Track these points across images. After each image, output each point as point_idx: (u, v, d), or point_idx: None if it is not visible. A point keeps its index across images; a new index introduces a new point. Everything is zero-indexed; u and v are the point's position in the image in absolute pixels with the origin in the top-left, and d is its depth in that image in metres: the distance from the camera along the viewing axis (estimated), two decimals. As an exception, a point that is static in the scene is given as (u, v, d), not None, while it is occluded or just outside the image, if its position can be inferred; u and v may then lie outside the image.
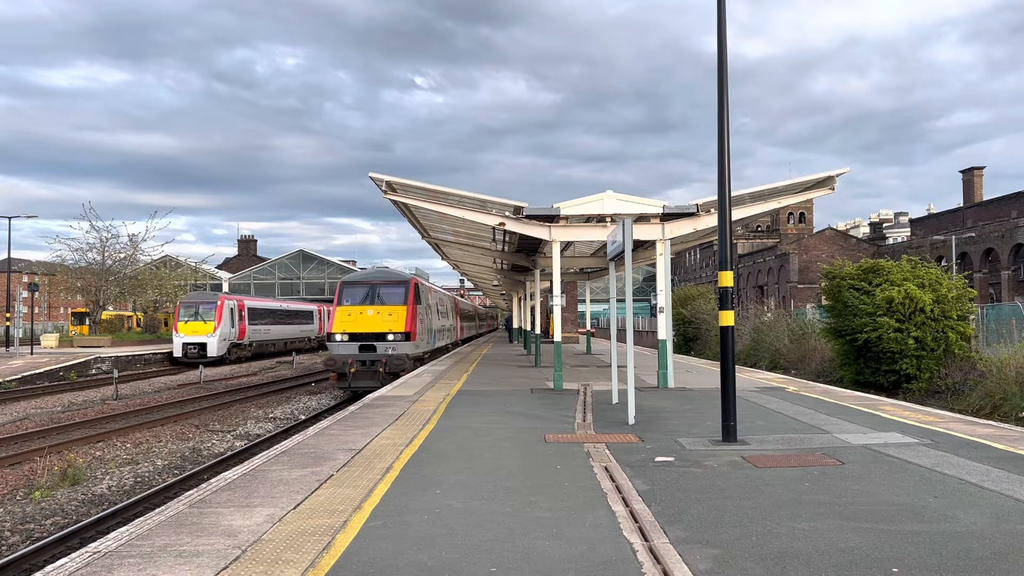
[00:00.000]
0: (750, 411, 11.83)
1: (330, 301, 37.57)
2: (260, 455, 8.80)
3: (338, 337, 22.03)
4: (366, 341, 21.87)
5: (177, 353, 39.04)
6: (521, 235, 17.80)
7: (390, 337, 21.85)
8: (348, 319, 22.19)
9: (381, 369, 21.37)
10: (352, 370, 21.44)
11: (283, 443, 9.62)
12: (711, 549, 5.15)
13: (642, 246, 19.63)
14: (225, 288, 79.36)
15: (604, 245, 19.54)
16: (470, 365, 23.83)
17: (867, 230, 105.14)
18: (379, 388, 16.82)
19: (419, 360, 23.91)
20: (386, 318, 22.13)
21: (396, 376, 20.37)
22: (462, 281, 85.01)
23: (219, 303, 39.88)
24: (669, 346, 16.37)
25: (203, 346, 38.75)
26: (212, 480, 7.47)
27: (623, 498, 6.52)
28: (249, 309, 43.81)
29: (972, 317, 19.85)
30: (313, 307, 58.90)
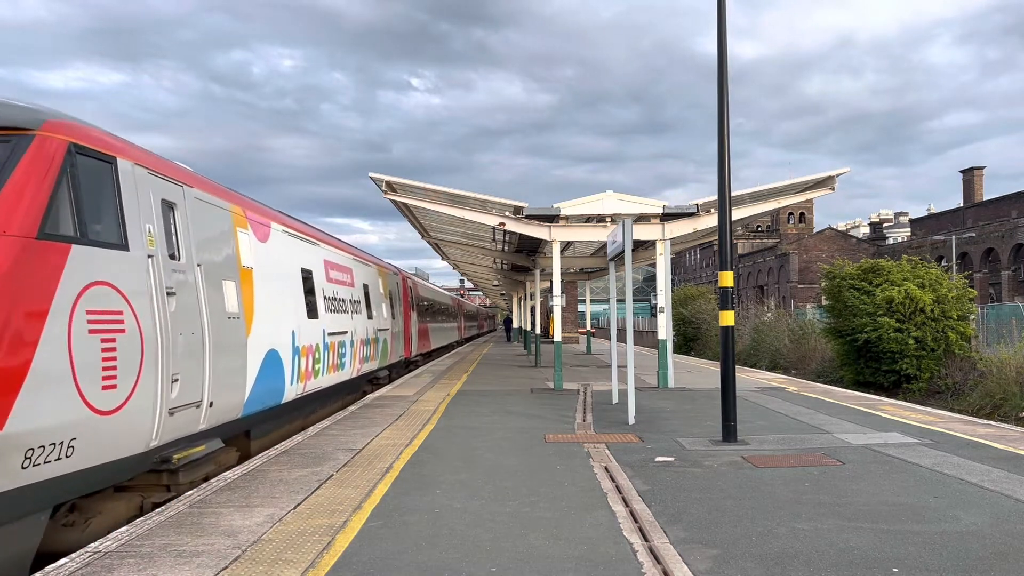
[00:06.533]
0: (750, 411, 11.83)
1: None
2: (260, 455, 8.79)
3: None
4: None
5: None
6: (521, 235, 17.80)
7: None
8: None
9: None
10: None
11: (283, 443, 9.61)
12: (711, 549, 5.15)
13: (642, 246, 19.63)
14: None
15: (604, 245, 19.54)
16: (470, 365, 23.84)
17: (867, 230, 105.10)
18: None
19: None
20: None
21: None
22: (462, 281, 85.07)
23: None
24: (669, 346, 16.37)
25: None
26: (212, 480, 7.46)
27: (623, 498, 6.51)
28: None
29: (972, 317, 19.87)
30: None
